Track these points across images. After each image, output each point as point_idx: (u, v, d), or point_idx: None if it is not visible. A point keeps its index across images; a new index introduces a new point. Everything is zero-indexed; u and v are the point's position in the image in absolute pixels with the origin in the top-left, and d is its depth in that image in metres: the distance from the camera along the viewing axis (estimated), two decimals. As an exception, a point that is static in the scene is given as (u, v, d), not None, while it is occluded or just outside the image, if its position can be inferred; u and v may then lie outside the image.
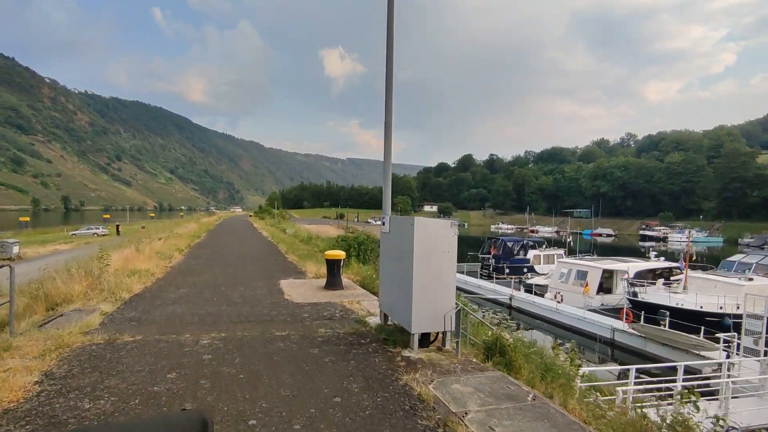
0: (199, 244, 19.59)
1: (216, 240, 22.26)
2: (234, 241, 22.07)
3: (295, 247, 17.61)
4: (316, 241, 21.10)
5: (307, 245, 19.21)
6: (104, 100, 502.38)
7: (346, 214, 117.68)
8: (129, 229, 66.99)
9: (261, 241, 22.65)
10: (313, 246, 18.99)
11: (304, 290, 8.99)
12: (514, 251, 34.56)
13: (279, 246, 19.16)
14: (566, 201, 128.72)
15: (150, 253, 12.56)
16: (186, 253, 15.20)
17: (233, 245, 19.38)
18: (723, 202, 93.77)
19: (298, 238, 24.07)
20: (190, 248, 17.39)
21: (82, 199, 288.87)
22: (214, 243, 20.41)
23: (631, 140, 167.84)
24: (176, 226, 27.69)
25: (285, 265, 13.12)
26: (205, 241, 21.11)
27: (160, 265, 11.39)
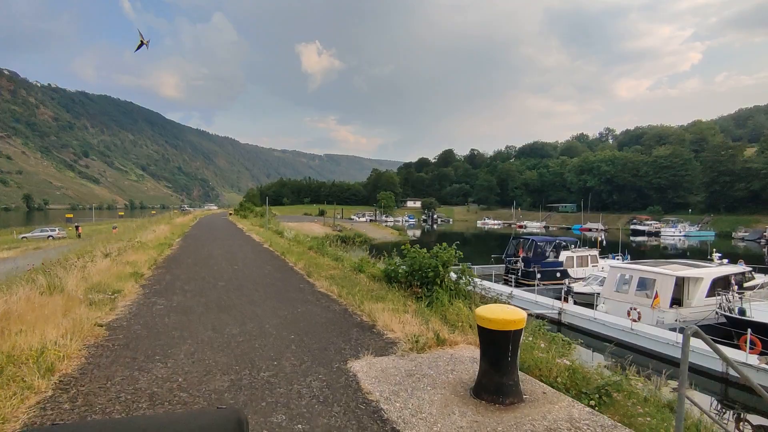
0: (171, 259, 13.63)
1: (195, 250, 16.29)
2: (221, 251, 16.17)
3: (317, 264, 11.98)
4: (335, 251, 15.51)
5: (331, 259, 13.59)
6: (70, 93, 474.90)
7: (327, 210, 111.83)
8: (94, 229, 59.38)
9: (257, 250, 16.85)
10: (339, 260, 13.44)
11: (431, 407, 3.52)
12: (545, 253, 29.67)
13: (287, 260, 13.49)
14: (551, 195, 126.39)
15: (77, 291, 6.77)
16: (148, 283, 9.35)
17: (221, 260, 13.56)
18: (710, 196, 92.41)
19: (304, 244, 18.40)
20: (156, 268, 11.54)
21: (46, 198, 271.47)
22: (194, 256, 14.51)
23: (609, 135, 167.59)
24: (142, 230, 21.46)
25: (327, 307, 7.51)
26: (179, 254, 15.13)
27: (80, 329, 5.39)
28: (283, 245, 17.73)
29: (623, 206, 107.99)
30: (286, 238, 21.49)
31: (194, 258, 13.79)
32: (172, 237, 20.38)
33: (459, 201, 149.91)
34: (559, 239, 31.20)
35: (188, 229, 28.57)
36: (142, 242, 15.46)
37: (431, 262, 8.61)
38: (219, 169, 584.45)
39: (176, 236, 21.40)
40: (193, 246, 17.69)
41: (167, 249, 15.76)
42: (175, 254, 14.61)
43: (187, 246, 17.72)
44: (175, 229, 24.62)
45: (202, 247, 17.22)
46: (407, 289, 8.83)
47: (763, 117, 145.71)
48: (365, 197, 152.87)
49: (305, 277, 10.44)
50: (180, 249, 16.40)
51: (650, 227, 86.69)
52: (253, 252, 16.10)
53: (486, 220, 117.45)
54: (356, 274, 10.68)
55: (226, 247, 17.45)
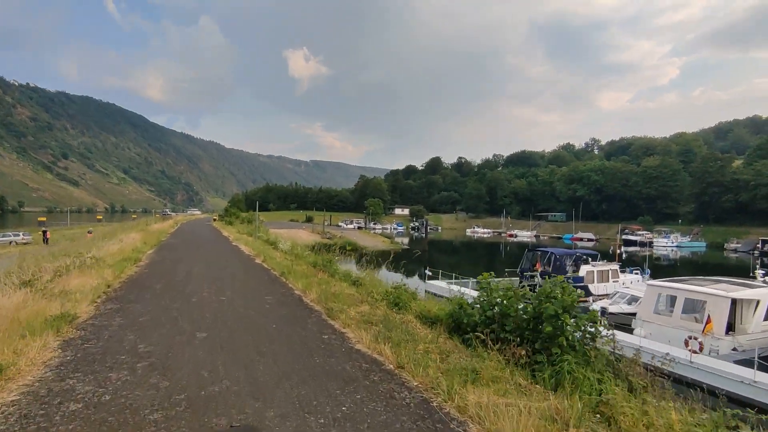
0: (132, 284, 9.97)
1: (169, 269, 12.65)
2: (202, 269, 12.58)
3: (334, 294, 8.54)
4: (348, 270, 12.10)
5: (348, 283, 10.20)
6: (50, 94, 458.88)
7: (314, 217, 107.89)
8: (66, 234, 54.61)
9: (249, 268, 13.31)
10: (359, 284, 10.09)
11: None
12: (565, 267, 26.72)
13: (292, 285, 10.07)
14: (540, 204, 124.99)
15: None
16: (77, 336, 5.68)
17: (203, 284, 9.99)
18: (699, 207, 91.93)
19: (304, 258, 14.94)
20: (105, 301, 7.91)
21: (22, 200, 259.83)
22: (165, 278, 10.89)
23: (595, 145, 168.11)
24: (106, 239, 17.66)
25: (389, 396, 4.00)
26: (146, 275, 11.48)
27: None
28: (280, 261, 14.25)
29: (613, 216, 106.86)
30: (281, 249, 17.99)
31: (166, 281, 10.23)
32: (143, 248, 16.67)
33: (447, 209, 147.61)
34: (578, 252, 28.32)
35: (165, 237, 24.75)
36: (97, 258, 11.80)
37: (546, 308, 5.37)
38: (203, 173, 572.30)
39: (149, 247, 17.70)
40: (167, 261, 14.08)
41: (131, 267, 12.14)
42: (141, 275, 11.02)
43: (160, 261, 14.10)
44: (149, 238, 20.82)
45: (178, 263, 13.62)
46: (491, 346, 5.55)
47: (742, 130, 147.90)
48: (353, 204, 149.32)
49: (326, 320, 7.06)
50: (149, 266, 12.78)
51: (642, 237, 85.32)
52: (245, 271, 12.59)
53: (475, 229, 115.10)
54: (397, 313, 7.37)
55: (209, 264, 13.88)
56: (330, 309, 7.52)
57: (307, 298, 8.77)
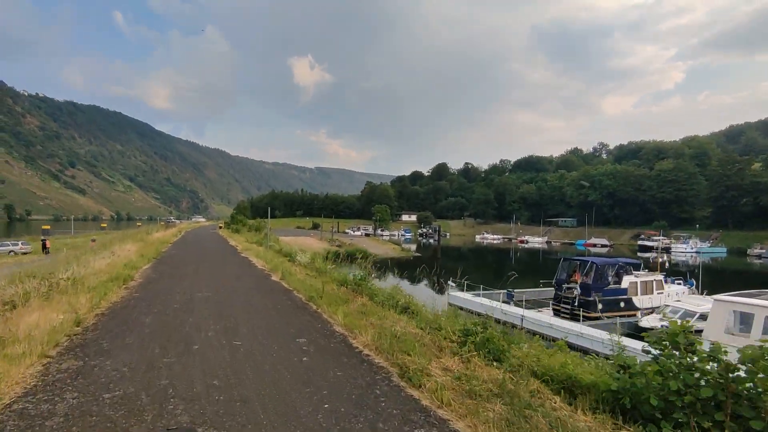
0: (112, 316, 7.21)
1: (164, 292, 9.91)
2: (207, 292, 9.85)
3: (392, 333, 5.84)
4: (391, 292, 9.43)
5: (396, 311, 7.52)
6: (58, 103, 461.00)
7: (321, 224, 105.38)
8: (69, 243, 52.33)
9: (266, 290, 10.55)
10: (411, 311, 7.46)
11: None
12: (607, 278, 23.89)
13: (326, 316, 7.37)
14: (550, 209, 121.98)
15: None
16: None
17: (207, 318, 7.23)
18: (717, 211, 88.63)
19: (330, 275, 12.29)
20: (65, 351, 5.23)
21: (29, 208, 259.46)
22: (158, 307, 8.15)
23: (603, 150, 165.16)
24: (99, 250, 15.08)
25: None
26: (135, 302, 8.72)
27: None
28: (301, 278, 11.61)
29: (625, 221, 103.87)
30: (299, 262, 15.34)
31: (158, 313, 7.59)
32: (138, 263, 14.07)
33: (455, 215, 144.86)
34: (620, 261, 25.47)
35: (167, 247, 22.17)
36: (77, 278, 9.21)
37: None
38: (209, 180, 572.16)
39: (145, 261, 15.12)
40: (164, 280, 11.46)
41: (118, 289, 9.52)
42: (127, 303, 8.38)
43: (156, 280, 11.48)
44: (148, 250, 18.22)
45: (178, 283, 10.99)
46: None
47: (755, 133, 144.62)
48: (359, 210, 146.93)
49: (403, 387, 4.38)
50: (141, 288, 10.14)
51: (659, 243, 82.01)
52: (262, 294, 9.91)
53: (485, 235, 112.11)
54: (497, 367, 4.70)
55: (216, 283, 11.22)
56: (402, 366, 4.85)
57: (357, 341, 6.10)
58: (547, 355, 5.44)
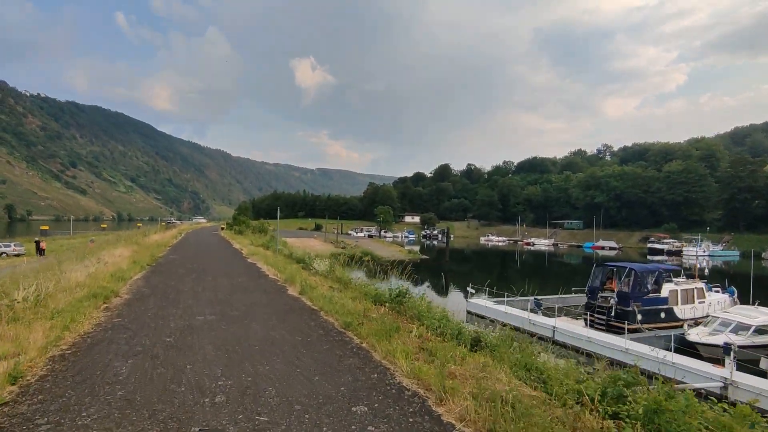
0: (67, 368, 4.95)
1: (155, 316, 7.59)
2: (210, 317, 7.52)
3: (521, 420, 3.60)
4: (444, 315, 7.23)
5: (463, 347, 5.23)
6: (59, 103, 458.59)
7: (325, 225, 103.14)
8: (66, 244, 50.14)
9: (286, 310, 8.16)
10: (488, 349, 5.26)
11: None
12: (646, 285, 21.61)
13: (381, 359, 5.13)
14: (555, 211, 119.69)
15: None
16: None
17: (214, 362, 5.01)
18: (728, 213, 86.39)
19: (358, 290, 10.07)
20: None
21: (30, 208, 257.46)
22: (145, 341, 5.94)
23: (607, 151, 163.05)
24: (89, 254, 12.81)
25: None
26: (111, 333, 6.49)
27: None
28: (325, 293, 9.38)
29: (633, 223, 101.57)
30: (316, 270, 13.09)
31: (142, 354, 5.35)
32: (128, 272, 11.84)
33: (458, 216, 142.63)
34: (660, 267, 23.19)
35: (164, 251, 19.92)
36: (40, 297, 6.97)
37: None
38: (210, 181, 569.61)
39: (138, 268, 12.89)
40: (156, 298, 9.21)
41: (94, 312, 7.29)
42: (101, 336, 6.12)
43: (147, 297, 9.23)
44: (142, 254, 15.97)
45: (172, 304, 8.72)
46: None
47: (761, 135, 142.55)
48: (361, 211, 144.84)
49: None
50: (125, 310, 7.88)
51: (670, 246, 79.81)
52: (281, 318, 7.64)
53: (489, 237, 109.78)
54: None
55: (220, 302, 8.95)
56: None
57: (444, 409, 3.88)
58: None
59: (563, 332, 19.35)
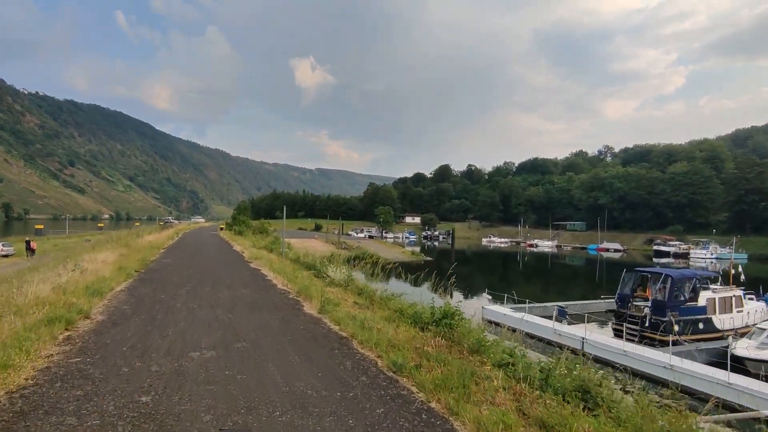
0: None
1: (133, 357, 5.61)
2: (216, 361, 5.44)
3: None
4: (507, 352, 5.27)
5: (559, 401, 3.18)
6: (58, 102, 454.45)
7: (324, 225, 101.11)
8: (59, 243, 47.98)
9: (314, 346, 6.07)
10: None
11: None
12: (684, 294, 19.67)
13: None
14: (558, 213, 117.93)
15: None
16: None
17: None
18: (735, 215, 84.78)
19: (387, 302, 8.09)
20: None
21: (27, 207, 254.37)
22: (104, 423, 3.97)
23: (608, 152, 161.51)
24: (66, 259, 10.76)
25: None
26: (39, 415, 4.49)
27: None
28: (353, 314, 7.39)
29: (636, 225, 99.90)
30: (332, 280, 11.10)
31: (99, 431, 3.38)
32: (111, 281, 9.81)
33: (459, 217, 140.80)
34: (697, 273, 21.26)
35: (158, 254, 17.85)
36: None
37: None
38: (209, 181, 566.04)
39: (122, 277, 10.87)
40: (140, 319, 7.16)
41: (45, 346, 5.26)
42: (48, 385, 4.12)
43: (126, 320, 7.16)
44: (131, 259, 13.90)
45: (159, 328, 6.66)
46: None
47: (762, 137, 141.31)
48: (362, 212, 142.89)
49: None
50: (92, 342, 5.80)
51: (677, 248, 78.07)
52: (304, 353, 5.56)
53: (491, 238, 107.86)
54: None
55: (222, 325, 6.89)
56: None
57: None
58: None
59: (594, 344, 17.34)
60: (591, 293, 38.58)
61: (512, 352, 6.26)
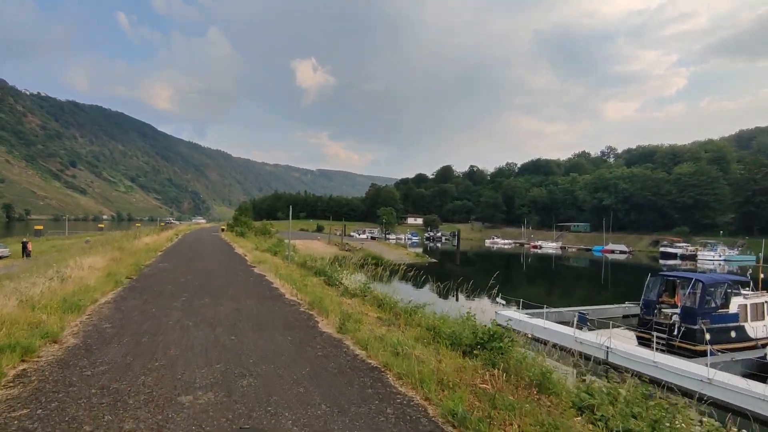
0: None
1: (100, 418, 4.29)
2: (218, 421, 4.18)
3: None
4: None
5: None
6: (60, 103, 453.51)
7: (326, 226, 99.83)
8: (57, 244, 46.61)
9: (353, 401, 4.57)
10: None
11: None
12: (715, 300, 18.28)
13: None
14: (561, 214, 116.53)
15: None
16: None
17: None
18: (742, 217, 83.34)
19: (415, 313, 6.76)
20: None
21: (28, 208, 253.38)
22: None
23: (611, 153, 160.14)
24: (46, 265, 9.44)
25: None
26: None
27: None
28: (381, 335, 6.07)
29: (642, 226, 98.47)
30: (347, 289, 9.78)
31: None
32: (93, 293, 8.47)
33: (461, 218, 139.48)
34: (729, 278, 19.87)
35: (154, 258, 16.52)
36: None
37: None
38: (210, 182, 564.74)
39: (110, 286, 9.54)
40: (122, 342, 5.81)
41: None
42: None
43: (106, 343, 5.78)
44: (123, 264, 12.55)
45: (144, 361, 5.27)
46: None
47: (766, 137, 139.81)
48: (363, 212, 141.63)
49: None
50: (51, 379, 4.46)
51: (684, 250, 76.62)
52: (332, 403, 4.11)
53: (495, 239, 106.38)
54: None
55: (223, 353, 5.47)
56: None
57: None
58: None
59: (620, 354, 15.92)
60: (597, 295, 37.24)
61: (589, 389, 4.92)
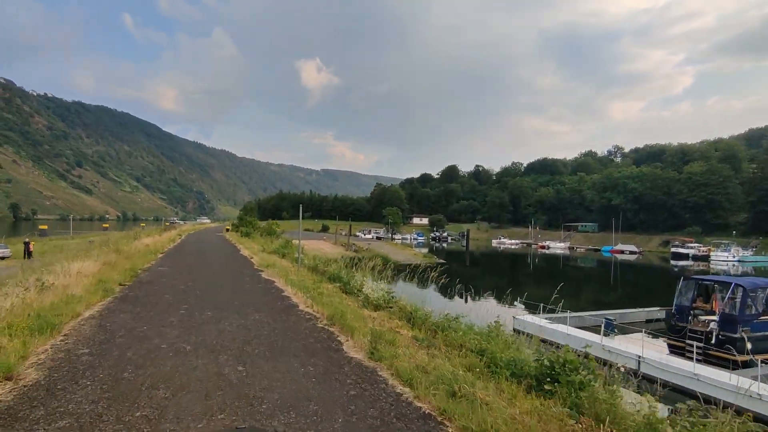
0: None
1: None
2: None
3: None
4: None
5: None
6: (66, 103, 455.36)
7: (332, 226, 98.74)
8: (60, 244, 45.60)
9: None
10: None
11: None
12: (757, 306, 16.79)
13: None
14: (569, 214, 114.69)
15: None
16: None
17: None
18: (755, 216, 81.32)
19: (464, 343, 5.46)
20: None
21: (35, 207, 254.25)
22: None
23: (618, 153, 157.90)
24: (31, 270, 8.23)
25: None
26: None
27: None
28: (422, 365, 4.78)
29: (651, 226, 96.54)
30: (368, 298, 8.50)
31: None
32: (76, 305, 7.22)
33: (467, 218, 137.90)
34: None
35: (153, 261, 15.29)
36: None
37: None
38: (215, 182, 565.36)
39: (99, 295, 8.32)
40: (97, 377, 4.51)
41: None
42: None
43: (76, 377, 4.42)
44: (118, 268, 11.33)
45: (122, 411, 4.08)
46: None
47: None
48: (369, 212, 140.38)
49: None
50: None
51: (696, 250, 74.75)
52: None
53: (502, 240, 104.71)
54: None
55: (228, 391, 4.13)
56: None
57: None
58: None
59: (654, 364, 14.46)
60: (606, 297, 35.78)
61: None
